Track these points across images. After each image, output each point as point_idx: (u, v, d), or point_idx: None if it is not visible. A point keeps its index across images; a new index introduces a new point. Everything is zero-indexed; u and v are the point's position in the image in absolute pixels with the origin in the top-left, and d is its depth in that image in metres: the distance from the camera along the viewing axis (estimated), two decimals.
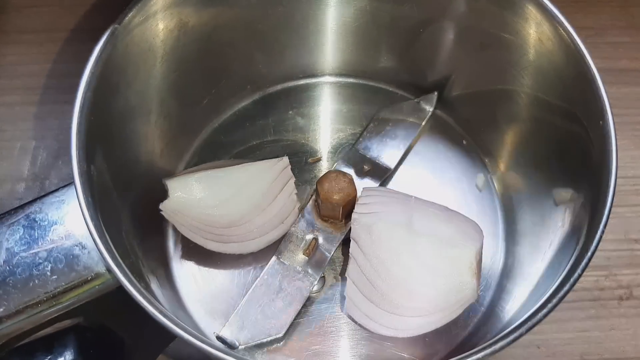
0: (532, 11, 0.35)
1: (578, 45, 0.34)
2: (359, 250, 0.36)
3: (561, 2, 0.34)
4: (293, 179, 0.39)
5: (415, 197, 0.38)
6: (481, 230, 0.37)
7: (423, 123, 0.44)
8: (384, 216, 0.36)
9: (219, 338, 0.36)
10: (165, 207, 0.36)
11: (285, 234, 0.39)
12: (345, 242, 0.39)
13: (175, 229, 0.39)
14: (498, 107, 0.42)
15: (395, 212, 0.37)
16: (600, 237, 0.30)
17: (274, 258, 0.38)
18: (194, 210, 0.36)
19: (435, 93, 0.45)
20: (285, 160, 0.39)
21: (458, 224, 0.37)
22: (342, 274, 0.39)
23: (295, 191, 0.39)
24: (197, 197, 0.36)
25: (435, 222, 0.36)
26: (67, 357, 0.34)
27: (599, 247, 0.30)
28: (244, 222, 0.37)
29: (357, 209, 0.37)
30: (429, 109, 0.45)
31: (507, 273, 0.40)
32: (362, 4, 0.42)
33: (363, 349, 0.37)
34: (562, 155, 0.37)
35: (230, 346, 0.36)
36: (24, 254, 0.30)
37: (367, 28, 0.43)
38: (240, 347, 0.36)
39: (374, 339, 0.37)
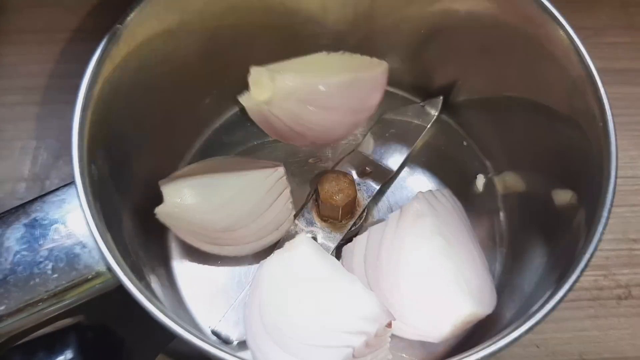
0: (532, 12, 0.35)
1: (578, 46, 0.34)
2: (395, 223, 0.36)
3: (561, 2, 0.34)
4: (288, 188, 0.39)
5: (472, 230, 0.38)
6: (493, 305, 0.36)
7: (427, 127, 0.44)
8: (437, 218, 0.36)
9: (214, 332, 0.36)
10: (160, 212, 0.36)
11: (285, 233, 0.39)
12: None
13: None
14: (501, 111, 0.42)
15: (448, 224, 0.37)
16: (600, 238, 0.30)
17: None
18: (189, 215, 0.36)
19: (441, 97, 0.45)
20: (280, 170, 0.38)
21: (482, 280, 0.36)
22: None
23: (291, 199, 0.39)
24: (192, 203, 0.36)
25: (467, 261, 0.36)
26: (67, 355, 0.34)
27: (598, 246, 0.30)
28: (239, 227, 0.37)
29: (427, 194, 0.38)
30: (434, 113, 0.45)
31: (506, 273, 0.40)
32: (363, 4, 0.42)
33: None
34: (562, 156, 0.37)
35: (224, 341, 0.36)
36: (24, 253, 0.30)
37: (369, 29, 0.43)
38: (234, 342, 0.36)
39: None
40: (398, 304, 0.35)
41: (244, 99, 0.36)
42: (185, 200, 0.36)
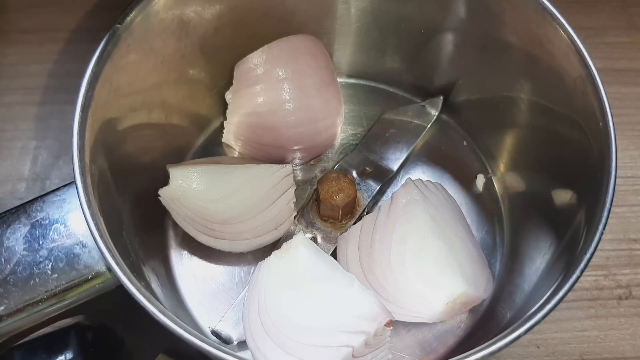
0: (531, 12, 0.35)
1: (578, 46, 0.34)
2: (387, 209, 0.36)
3: (561, 2, 0.35)
4: (293, 187, 0.39)
5: (465, 220, 0.38)
6: (489, 289, 0.36)
7: (428, 126, 0.44)
8: (427, 203, 0.36)
9: (214, 332, 0.36)
10: (164, 194, 0.36)
11: (284, 234, 0.39)
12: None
13: (175, 226, 0.39)
14: (501, 111, 0.42)
15: (439, 210, 0.37)
16: (600, 238, 0.30)
17: None
18: (191, 201, 0.36)
19: (441, 97, 0.45)
20: (288, 167, 0.38)
21: (476, 265, 0.36)
22: None
23: (294, 200, 0.39)
24: (197, 189, 0.37)
25: (459, 245, 0.36)
26: (67, 355, 0.34)
27: (598, 246, 0.30)
28: (238, 221, 0.37)
29: (417, 182, 0.37)
30: (434, 112, 0.45)
31: (506, 273, 0.40)
32: (363, 5, 0.42)
33: None
34: (562, 156, 0.37)
35: (224, 341, 0.36)
36: (24, 253, 0.30)
37: (369, 29, 0.43)
38: (234, 342, 0.36)
39: None
40: (392, 288, 0.35)
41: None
42: (191, 184, 0.36)
